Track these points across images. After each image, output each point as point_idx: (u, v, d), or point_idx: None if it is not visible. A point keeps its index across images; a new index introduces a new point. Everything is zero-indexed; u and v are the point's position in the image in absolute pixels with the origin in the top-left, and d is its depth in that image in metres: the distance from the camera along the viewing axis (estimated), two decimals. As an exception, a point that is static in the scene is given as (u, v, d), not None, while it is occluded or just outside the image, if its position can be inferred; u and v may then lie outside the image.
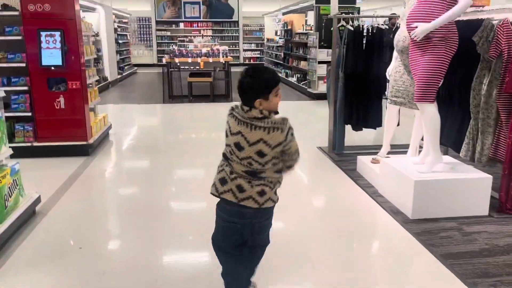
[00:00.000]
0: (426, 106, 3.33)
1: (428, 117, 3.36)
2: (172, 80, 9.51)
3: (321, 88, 9.38)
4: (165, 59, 9.58)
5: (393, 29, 4.61)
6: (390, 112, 4.26)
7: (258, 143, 1.85)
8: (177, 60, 9.31)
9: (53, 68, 4.78)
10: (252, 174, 1.90)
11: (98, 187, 4.31)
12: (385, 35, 4.72)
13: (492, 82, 3.34)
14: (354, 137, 5.62)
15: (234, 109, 1.93)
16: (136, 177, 4.49)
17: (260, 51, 19.41)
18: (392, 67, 4.19)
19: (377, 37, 4.73)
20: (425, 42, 3.23)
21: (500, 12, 3.58)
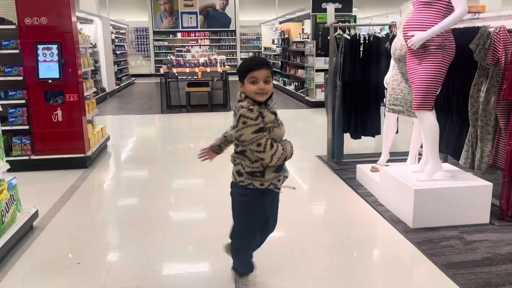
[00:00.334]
0: (425, 114, 3.32)
1: (427, 125, 3.35)
2: (170, 90, 9.52)
3: (319, 96, 9.39)
4: (163, 69, 9.61)
5: (390, 38, 4.62)
6: (389, 120, 4.25)
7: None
8: (175, 70, 9.33)
9: (50, 81, 4.77)
10: (235, 154, 2.13)
11: (97, 200, 4.28)
12: (382, 43, 4.74)
13: (490, 90, 3.34)
14: (353, 145, 5.61)
15: None
16: (135, 189, 4.46)
17: (258, 60, 19.43)
18: (390, 76, 4.19)
19: (374, 45, 4.75)
20: (422, 51, 3.24)
21: (496, 20, 3.59)
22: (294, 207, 3.79)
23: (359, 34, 4.84)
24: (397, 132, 4.55)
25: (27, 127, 4.88)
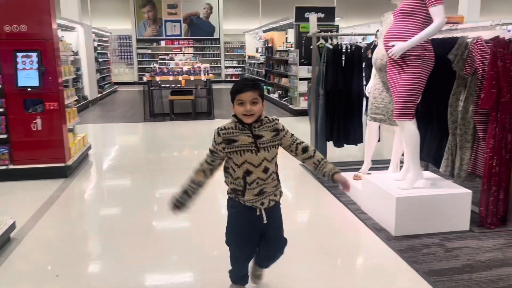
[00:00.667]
0: (406, 123, 3.37)
1: (408, 134, 3.39)
2: (153, 98, 9.46)
3: (303, 105, 9.44)
4: (146, 77, 9.54)
5: (371, 47, 4.69)
6: (370, 129, 4.30)
7: None
8: (158, 78, 9.28)
9: (30, 89, 4.69)
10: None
11: (77, 210, 4.21)
12: (364, 53, 4.80)
13: (468, 99, 3.41)
14: (336, 154, 5.65)
15: None
16: (117, 198, 4.40)
17: (242, 68, 19.54)
18: (371, 85, 4.25)
19: (356, 55, 4.81)
20: (403, 60, 3.29)
21: (474, 30, 3.67)
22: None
23: (341, 44, 4.90)
24: (379, 141, 4.60)
25: (5, 136, 4.78)
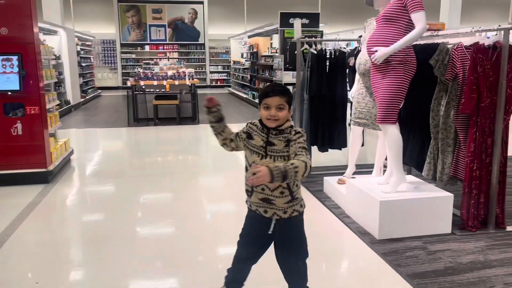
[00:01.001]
0: (388, 127, 3.40)
1: (391, 138, 3.43)
2: (137, 103, 9.38)
3: (287, 110, 9.47)
4: (130, 82, 9.46)
5: (355, 52, 4.74)
6: (354, 133, 4.34)
7: None
8: (142, 83, 9.22)
9: (10, 93, 4.60)
10: None
11: (58, 216, 4.13)
12: (347, 58, 4.85)
13: (450, 104, 3.47)
14: (321, 158, 5.67)
15: None
16: (99, 204, 4.33)
17: (227, 73, 19.55)
18: (355, 89, 4.29)
19: (340, 60, 4.85)
20: (385, 66, 3.33)
21: (454, 37, 3.74)
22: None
23: (325, 49, 4.93)
24: (363, 145, 4.64)
25: (-15, 141, 4.68)
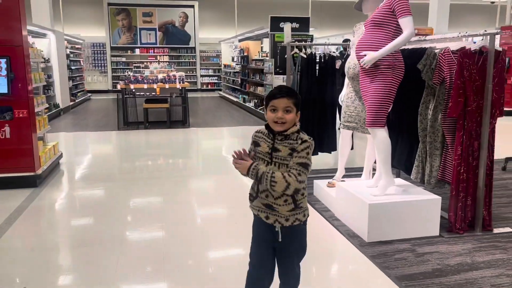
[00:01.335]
0: (377, 131, 3.44)
1: (380, 141, 3.46)
2: (127, 107, 9.34)
3: (278, 113, 9.49)
4: (120, 85, 9.42)
5: (344, 57, 4.78)
6: (343, 137, 4.37)
7: None
8: (132, 86, 9.18)
9: (-2, 96, 4.57)
10: None
11: (47, 220, 4.09)
12: (337, 62, 4.88)
13: (437, 107, 3.51)
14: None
15: None
16: (89, 208, 4.30)
17: (218, 77, 19.55)
18: (344, 93, 4.32)
19: (329, 64, 4.89)
20: (374, 70, 3.37)
21: (442, 41, 3.80)
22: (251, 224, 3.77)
23: (315, 53, 4.97)
24: (352, 148, 4.67)
25: (-28, 144, 4.63)
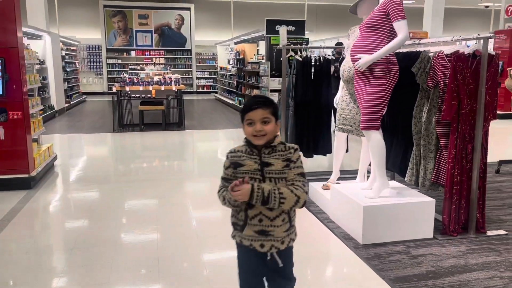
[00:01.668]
0: (372, 134, 3.45)
1: (374, 144, 3.48)
2: (123, 109, 9.32)
3: (274, 116, 9.51)
4: (116, 87, 9.40)
5: (339, 59, 4.80)
6: (338, 139, 4.38)
7: None
8: (128, 88, 9.17)
9: (-7, 98, 4.55)
10: None
11: (41, 222, 4.07)
12: (332, 65, 4.91)
13: (431, 110, 3.54)
14: (306, 164, 5.70)
15: None
16: (83, 210, 4.29)
17: (214, 79, 19.57)
18: (339, 96, 4.34)
19: (325, 67, 4.91)
20: (368, 73, 3.39)
21: (436, 45, 3.83)
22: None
23: (311, 56, 4.99)
24: (347, 151, 4.69)
25: (-34, 146, 4.61)
